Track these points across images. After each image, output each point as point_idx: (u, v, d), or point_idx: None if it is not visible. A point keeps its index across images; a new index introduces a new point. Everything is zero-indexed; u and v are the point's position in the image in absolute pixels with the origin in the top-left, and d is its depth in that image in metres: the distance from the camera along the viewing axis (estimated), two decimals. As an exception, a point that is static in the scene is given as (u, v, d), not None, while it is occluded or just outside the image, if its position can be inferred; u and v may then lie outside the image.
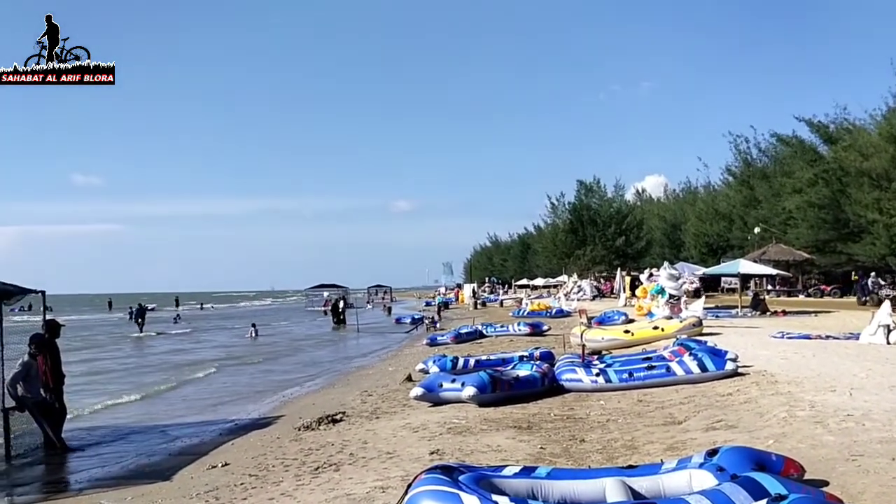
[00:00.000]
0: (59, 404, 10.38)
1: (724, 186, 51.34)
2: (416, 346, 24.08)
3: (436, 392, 10.57)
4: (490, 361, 13.87)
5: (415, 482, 4.71)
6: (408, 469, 6.64)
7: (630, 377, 10.49)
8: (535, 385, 10.69)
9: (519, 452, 7.12)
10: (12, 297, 9.87)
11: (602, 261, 55.67)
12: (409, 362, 17.54)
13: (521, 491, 4.85)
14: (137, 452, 9.94)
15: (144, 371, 21.43)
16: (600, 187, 58.74)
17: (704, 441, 6.68)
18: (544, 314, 32.99)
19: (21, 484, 8.59)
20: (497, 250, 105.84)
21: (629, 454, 6.65)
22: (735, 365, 10.38)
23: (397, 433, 8.69)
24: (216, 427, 11.53)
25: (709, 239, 49.63)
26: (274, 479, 7.13)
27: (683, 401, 9.06)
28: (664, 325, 16.85)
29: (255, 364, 22.21)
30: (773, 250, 36.01)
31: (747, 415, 7.77)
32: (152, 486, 7.71)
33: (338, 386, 15.75)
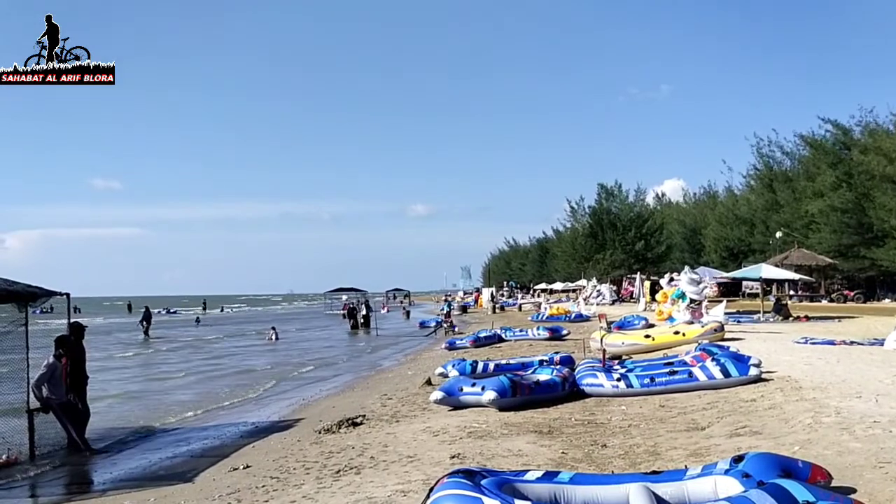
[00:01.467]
0: (82, 405, 10.49)
1: (746, 190, 50.93)
2: (434, 350, 24.07)
3: (456, 396, 10.54)
4: (510, 365, 13.84)
5: (437, 486, 4.70)
6: (429, 473, 6.62)
7: (652, 382, 10.41)
8: (556, 390, 10.63)
9: (540, 457, 7.08)
10: (38, 299, 9.98)
11: (621, 265, 55.36)
12: (428, 366, 17.55)
13: (543, 496, 4.82)
14: (159, 454, 10.01)
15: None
16: (621, 191, 58.52)
17: (729, 447, 6.61)
18: (563, 318, 32.92)
19: (45, 484, 8.68)
20: (515, 254, 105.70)
21: (652, 460, 6.59)
22: (759, 370, 10.27)
23: (418, 437, 8.68)
24: (236, 429, 11.58)
25: (729, 243, 49.22)
26: (295, 481, 7.14)
27: (706, 406, 8.97)
28: (685, 330, 16.72)
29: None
30: (795, 255, 35.58)
31: (772, 421, 7.68)
32: (174, 487, 7.76)
33: (357, 389, 15.77)
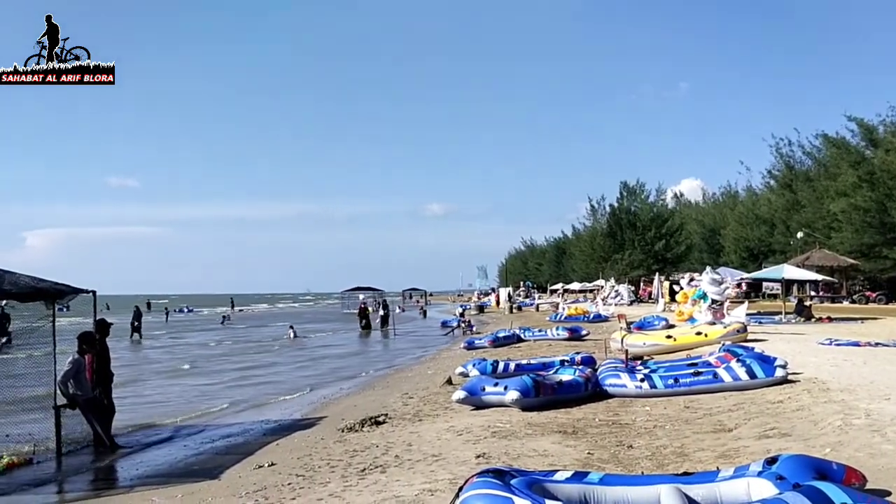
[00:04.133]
0: (108, 402, 10.58)
1: (766, 190, 50.47)
2: (453, 350, 24.07)
3: (478, 395, 10.53)
4: (531, 366, 13.81)
5: (466, 485, 4.69)
6: (455, 472, 6.62)
7: (676, 383, 10.34)
8: (579, 390, 10.60)
9: (566, 457, 7.06)
10: (65, 297, 10.07)
11: (640, 265, 55.07)
12: (448, 365, 17.54)
13: (573, 496, 4.80)
14: (184, 451, 10.07)
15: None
16: (643, 189, 58.21)
17: (758, 449, 6.55)
18: (582, 319, 32.78)
19: (72, 480, 8.75)
20: (532, 254, 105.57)
21: (680, 461, 6.55)
22: (785, 372, 10.18)
23: (441, 436, 8.67)
24: (259, 427, 11.62)
25: (749, 244, 48.82)
26: (321, 479, 7.15)
27: (732, 408, 8.90)
28: (707, 331, 16.62)
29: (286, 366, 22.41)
30: (816, 255, 35.26)
31: (800, 423, 7.61)
32: (201, 484, 7.79)
33: (377, 388, 15.79)
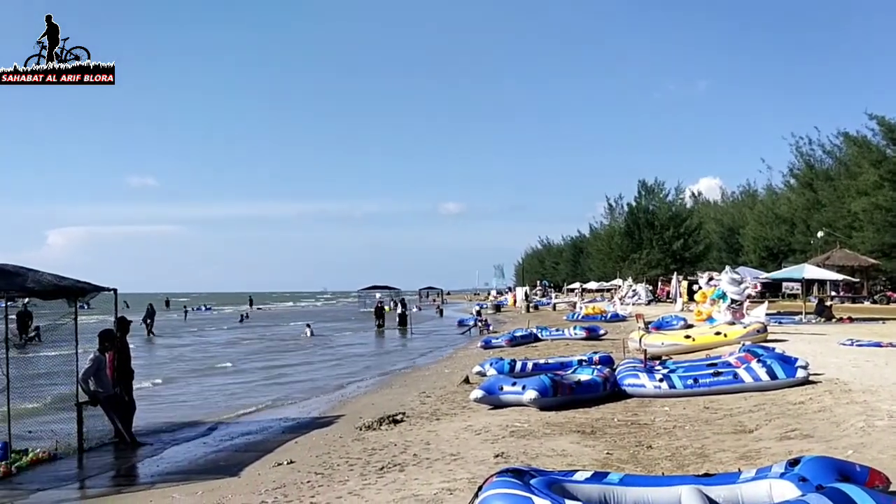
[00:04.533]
0: (128, 399, 10.69)
1: (786, 189, 50.00)
2: (470, 349, 24.06)
3: (496, 395, 10.52)
4: (549, 365, 13.78)
5: (486, 485, 4.69)
6: (473, 471, 6.62)
7: (695, 383, 10.28)
8: (597, 390, 10.56)
9: (585, 457, 7.04)
10: (87, 294, 10.18)
11: (658, 264, 54.76)
12: (465, 364, 17.54)
13: (593, 496, 4.78)
14: (203, 448, 10.15)
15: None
16: (661, 188, 57.84)
17: (779, 450, 6.50)
18: (599, 318, 32.66)
19: (94, 476, 8.86)
20: (549, 253, 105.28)
21: (700, 462, 6.51)
22: (806, 373, 10.09)
23: (459, 435, 8.68)
24: (277, 425, 11.68)
25: (769, 243, 48.38)
26: (340, 477, 7.18)
27: (753, 409, 8.83)
28: (727, 331, 16.50)
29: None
30: (837, 255, 34.91)
31: (822, 424, 7.53)
32: (221, 481, 7.86)
33: (395, 386, 15.82)
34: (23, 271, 9.47)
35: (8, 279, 9.26)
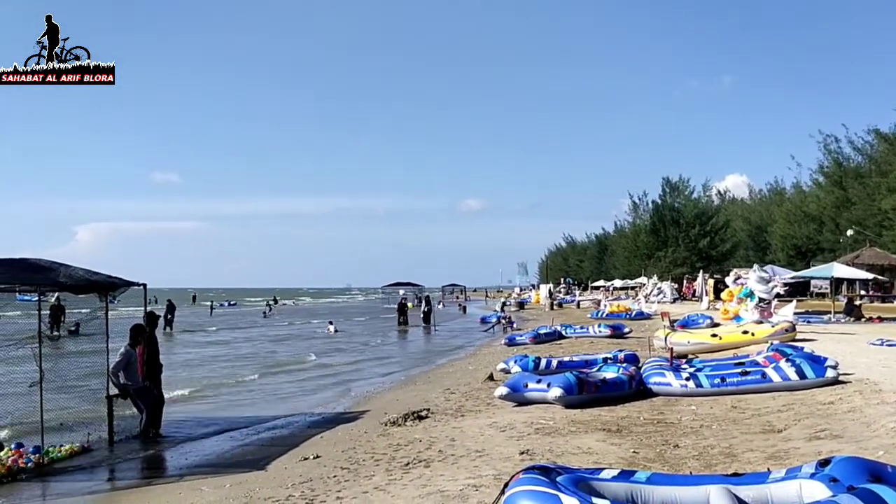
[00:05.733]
0: (157, 392, 10.83)
1: (814, 187, 49.32)
2: (493, 346, 24.04)
3: (521, 392, 10.52)
4: (573, 363, 13.73)
5: (512, 482, 4.68)
6: (499, 468, 6.63)
7: (723, 382, 10.19)
8: (623, 388, 10.51)
9: (611, 456, 7.01)
10: (117, 289, 10.33)
11: (684, 262, 54.29)
12: (489, 361, 17.53)
13: (620, 495, 4.76)
14: (230, 442, 10.25)
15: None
16: (686, 185, 57.29)
17: (809, 451, 6.43)
18: (624, 316, 32.46)
19: (124, 469, 8.98)
20: (573, 251, 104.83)
21: (728, 462, 6.46)
22: (836, 372, 9.97)
23: (484, 432, 8.69)
24: (303, 419, 11.76)
25: (797, 241, 47.81)
26: (366, 472, 7.22)
27: (782, 408, 8.74)
28: (754, 330, 16.33)
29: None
30: (867, 254, 34.43)
31: (852, 424, 7.44)
32: (248, 474, 7.93)
33: (419, 383, 15.86)
34: (55, 266, 9.63)
35: (41, 274, 9.42)
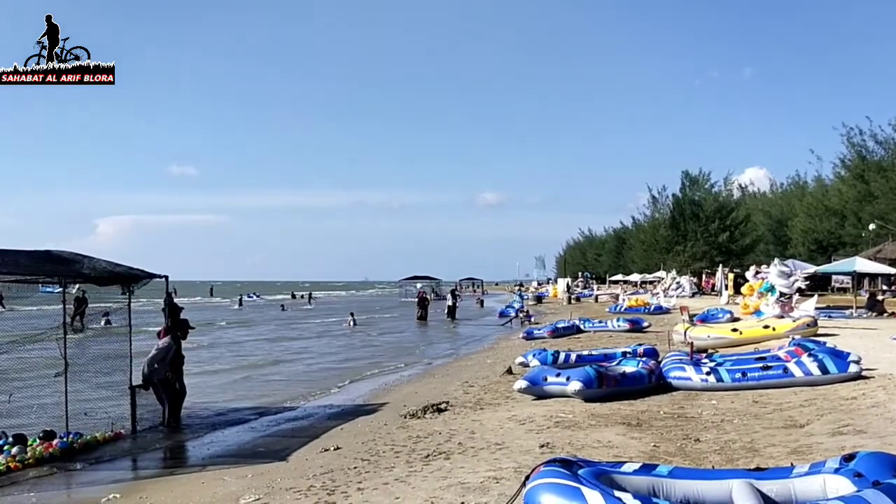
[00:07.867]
0: (179, 384, 10.94)
1: (836, 180, 48.69)
2: (511, 340, 24.03)
3: (540, 385, 10.51)
4: (592, 357, 13.69)
5: (533, 474, 4.69)
6: (519, 461, 6.64)
7: (743, 377, 10.13)
8: (643, 382, 10.49)
9: (631, 449, 7.00)
10: (139, 281, 10.44)
11: (703, 257, 53.88)
12: (507, 355, 17.54)
13: (641, 488, 4.75)
14: (251, 433, 10.34)
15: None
16: (706, 179, 56.77)
17: (832, 446, 6.38)
18: (642, 310, 32.31)
19: (147, 458, 9.09)
20: (590, 245, 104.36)
21: (750, 456, 6.42)
22: (859, 367, 9.87)
23: (504, 425, 8.70)
24: (323, 411, 11.83)
25: (818, 236, 47.28)
26: (386, 464, 7.26)
27: (804, 403, 8.68)
28: (775, 325, 16.20)
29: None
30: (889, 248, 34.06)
31: (876, 420, 7.38)
32: (269, 465, 8.01)
33: (437, 376, 15.90)
34: (79, 258, 9.76)
35: (65, 265, 9.55)
